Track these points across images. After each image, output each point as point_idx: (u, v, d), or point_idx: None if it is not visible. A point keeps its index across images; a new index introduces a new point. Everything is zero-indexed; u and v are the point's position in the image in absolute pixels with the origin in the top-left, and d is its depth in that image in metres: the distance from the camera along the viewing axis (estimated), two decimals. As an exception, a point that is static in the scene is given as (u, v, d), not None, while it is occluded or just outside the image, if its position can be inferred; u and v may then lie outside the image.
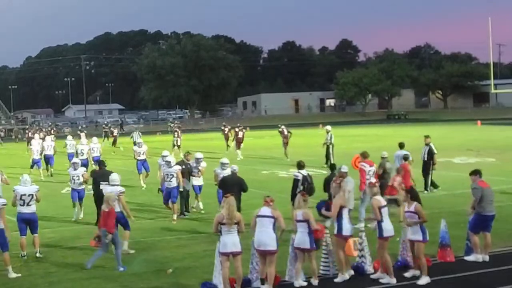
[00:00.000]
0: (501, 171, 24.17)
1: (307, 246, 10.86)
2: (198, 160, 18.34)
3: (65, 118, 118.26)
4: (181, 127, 46.42)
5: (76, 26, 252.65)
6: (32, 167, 28.70)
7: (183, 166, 17.94)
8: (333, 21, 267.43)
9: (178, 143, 37.74)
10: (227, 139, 40.12)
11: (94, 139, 29.39)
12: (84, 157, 26.59)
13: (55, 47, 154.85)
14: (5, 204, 12.43)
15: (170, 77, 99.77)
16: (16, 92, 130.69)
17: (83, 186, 17.84)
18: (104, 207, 12.73)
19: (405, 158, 18.14)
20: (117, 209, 13.62)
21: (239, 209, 15.02)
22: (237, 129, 36.13)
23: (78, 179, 17.65)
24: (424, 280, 10.67)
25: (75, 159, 18.71)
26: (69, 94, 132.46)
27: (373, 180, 16.10)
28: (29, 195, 13.55)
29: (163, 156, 18.29)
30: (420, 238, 10.84)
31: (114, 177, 14.56)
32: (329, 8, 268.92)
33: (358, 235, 11.80)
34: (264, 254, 10.59)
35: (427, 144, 21.05)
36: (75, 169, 17.78)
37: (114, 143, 45.21)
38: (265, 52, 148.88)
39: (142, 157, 24.64)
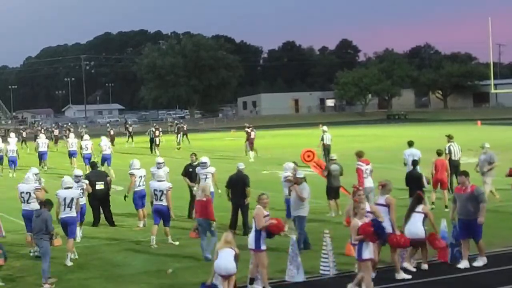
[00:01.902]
0: (501, 171, 24.09)
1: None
2: (204, 165, 16.58)
3: (65, 118, 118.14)
4: (183, 127, 46.51)
5: (76, 26, 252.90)
6: None
7: (190, 169, 17.25)
8: (333, 21, 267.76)
9: (157, 143, 39.70)
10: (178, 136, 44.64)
11: (86, 136, 30.91)
12: (89, 151, 28.79)
13: (55, 47, 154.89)
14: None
15: (170, 77, 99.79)
16: (16, 92, 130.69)
17: (84, 201, 15.33)
18: (200, 197, 12.95)
19: (439, 153, 18.04)
20: (165, 202, 14.23)
21: (246, 206, 15.06)
22: (248, 129, 35.29)
23: (82, 192, 14.99)
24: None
25: (77, 171, 15.58)
26: (69, 94, 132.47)
27: (371, 178, 16.08)
28: (26, 193, 13.90)
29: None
30: None
31: (161, 173, 14.90)
32: (329, 8, 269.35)
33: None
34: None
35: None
36: (77, 182, 14.91)
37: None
38: (265, 52, 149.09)
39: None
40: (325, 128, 30.66)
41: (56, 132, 51.54)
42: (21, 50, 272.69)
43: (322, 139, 29.44)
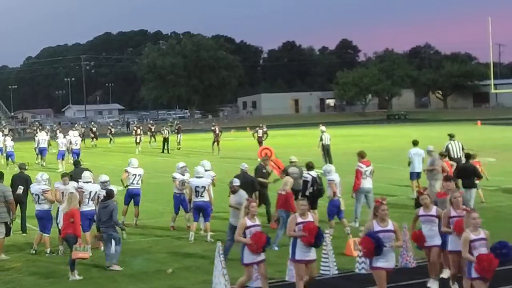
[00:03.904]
0: (500, 171, 24.14)
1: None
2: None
3: (65, 118, 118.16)
4: (181, 127, 46.51)
5: (76, 26, 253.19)
6: None
7: (264, 170, 16.69)
8: (333, 21, 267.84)
9: (138, 140, 41.59)
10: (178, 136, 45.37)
11: (72, 132, 34.97)
12: (78, 147, 32.78)
13: (55, 47, 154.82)
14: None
15: (170, 77, 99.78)
16: (16, 92, 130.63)
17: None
18: (280, 191, 13.51)
19: (443, 155, 18.08)
20: (206, 198, 14.52)
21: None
22: (257, 128, 36.87)
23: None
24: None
25: (103, 177, 14.51)
26: (69, 94, 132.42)
27: (370, 179, 15.98)
28: (36, 194, 14.01)
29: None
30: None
31: (200, 169, 14.99)
32: (329, 8, 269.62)
33: (358, 235, 11.81)
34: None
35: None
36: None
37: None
38: (265, 52, 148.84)
39: None
40: (323, 128, 30.66)
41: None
42: (21, 50, 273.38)
43: (321, 139, 29.48)
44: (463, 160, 19.34)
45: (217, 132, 37.97)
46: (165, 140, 39.85)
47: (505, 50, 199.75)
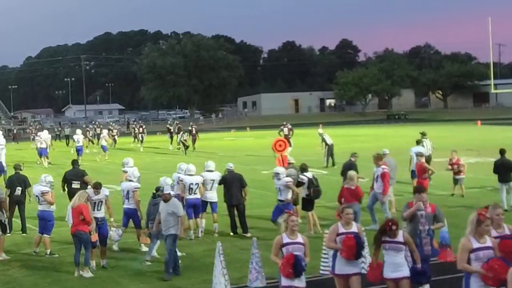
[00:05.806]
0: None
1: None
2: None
3: (65, 118, 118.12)
4: (181, 127, 46.47)
5: (76, 26, 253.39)
6: None
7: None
8: (333, 21, 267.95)
9: (141, 139, 44.09)
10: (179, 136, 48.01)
11: (78, 131, 37.13)
12: (80, 144, 35.05)
13: (55, 47, 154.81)
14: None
15: (170, 77, 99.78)
16: (16, 92, 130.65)
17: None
18: (349, 186, 14.02)
19: (421, 155, 18.27)
20: (199, 195, 14.98)
21: (244, 205, 15.08)
22: (282, 126, 38.52)
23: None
24: None
25: (167, 179, 13.96)
26: (69, 94, 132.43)
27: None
28: (36, 196, 14.01)
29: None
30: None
31: (191, 167, 15.17)
32: (329, 8, 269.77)
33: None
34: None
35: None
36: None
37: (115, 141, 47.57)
38: (265, 52, 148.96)
39: None
40: (320, 130, 30.70)
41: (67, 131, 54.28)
42: (21, 50, 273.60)
43: (323, 140, 29.35)
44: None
45: (194, 132, 40.37)
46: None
47: (505, 50, 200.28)
